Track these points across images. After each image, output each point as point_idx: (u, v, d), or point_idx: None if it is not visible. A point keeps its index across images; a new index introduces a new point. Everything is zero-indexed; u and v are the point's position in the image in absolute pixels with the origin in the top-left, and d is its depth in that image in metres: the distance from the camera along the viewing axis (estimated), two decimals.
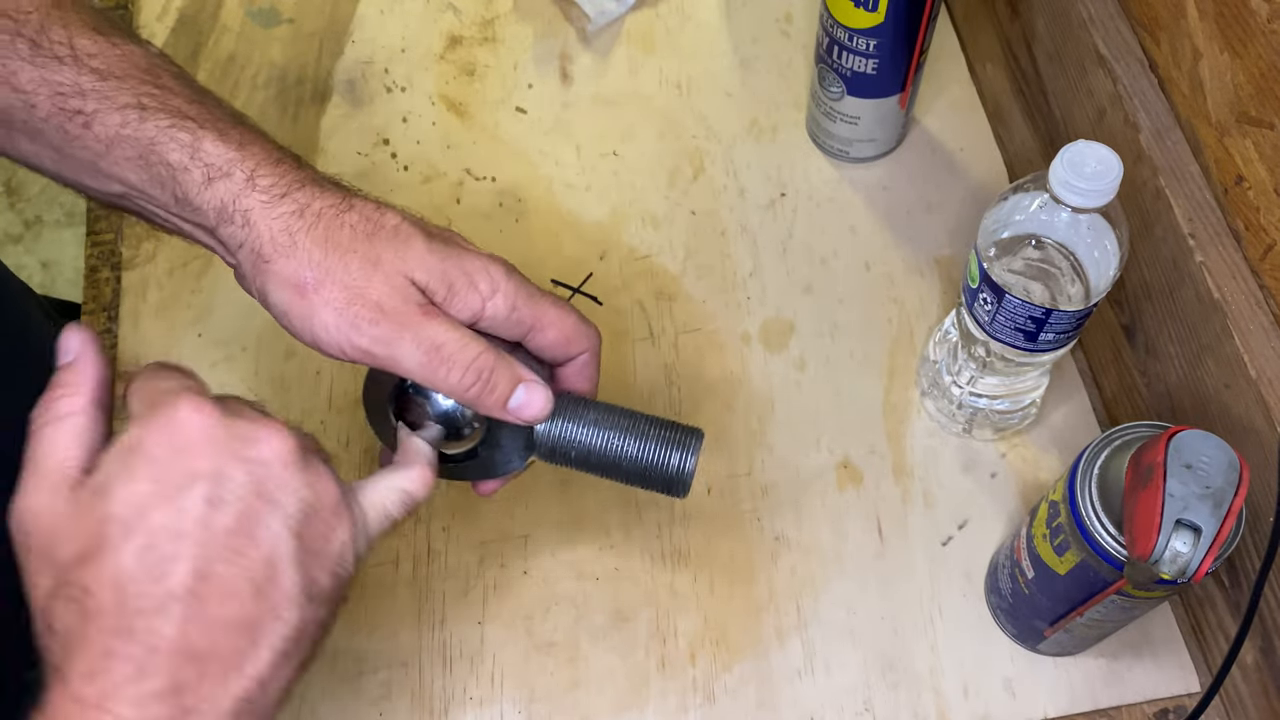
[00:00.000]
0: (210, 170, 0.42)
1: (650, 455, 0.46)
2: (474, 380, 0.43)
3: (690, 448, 0.47)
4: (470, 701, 0.59)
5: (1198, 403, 0.56)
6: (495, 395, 0.44)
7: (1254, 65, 0.52)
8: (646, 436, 0.47)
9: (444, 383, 0.43)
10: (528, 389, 0.45)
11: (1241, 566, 0.54)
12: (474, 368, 0.43)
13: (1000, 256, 0.53)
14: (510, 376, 0.44)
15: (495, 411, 0.45)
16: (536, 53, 0.79)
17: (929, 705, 0.58)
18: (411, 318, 0.42)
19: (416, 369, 0.42)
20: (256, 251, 0.42)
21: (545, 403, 0.45)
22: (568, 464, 0.48)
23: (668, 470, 0.47)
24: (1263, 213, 0.53)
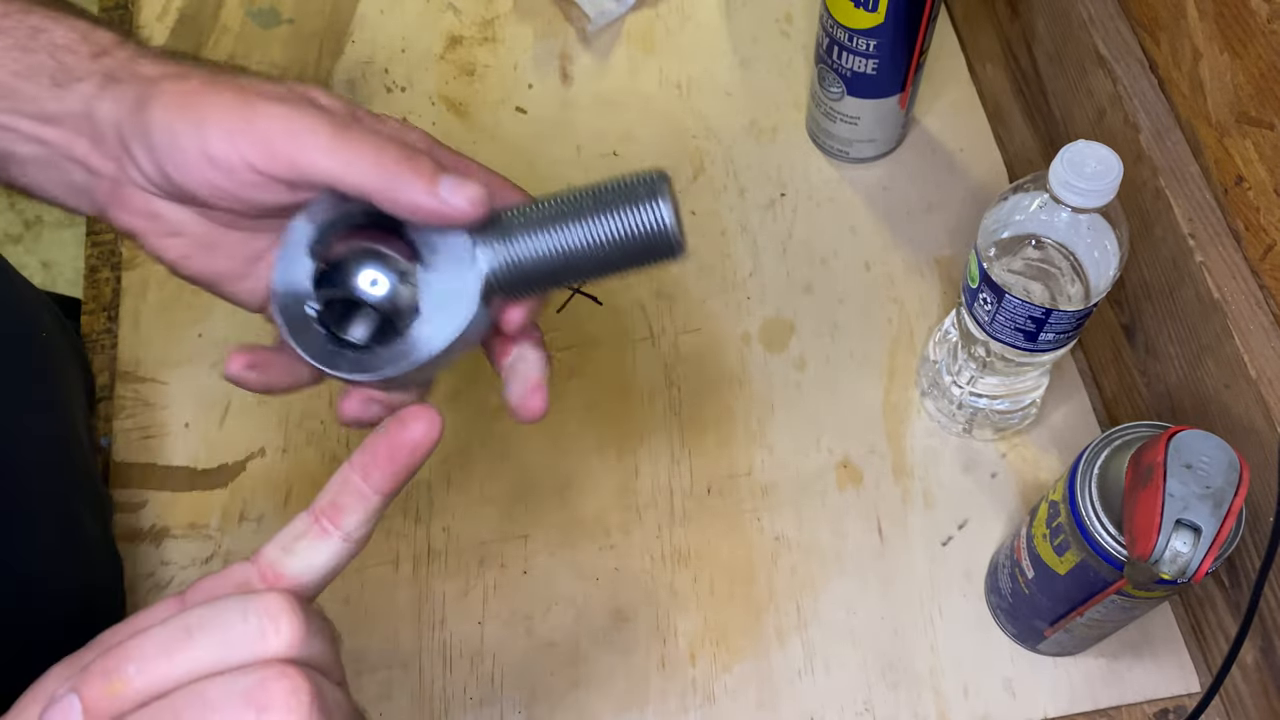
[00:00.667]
0: (99, 48, 0.39)
1: (620, 223, 0.38)
2: (392, 150, 0.36)
3: (658, 191, 0.38)
4: (470, 701, 0.59)
5: (1198, 403, 0.56)
6: (419, 174, 0.36)
7: (1254, 65, 0.52)
8: (603, 205, 0.38)
9: (355, 154, 0.36)
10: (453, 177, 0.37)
11: (1241, 566, 0.54)
12: (393, 140, 0.37)
13: (1000, 256, 0.53)
14: (432, 163, 0.37)
15: (420, 199, 0.36)
16: (536, 53, 0.79)
17: (929, 705, 0.58)
18: (318, 108, 0.37)
19: (324, 144, 0.36)
20: (141, 91, 0.37)
21: (477, 189, 0.37)
22: (532, 286, 0.40)
23: (645, 228, 0.38)
24: (1263, 213, 0.53)
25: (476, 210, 0.37)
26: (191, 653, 0.29)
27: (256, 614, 0.30)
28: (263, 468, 0.64)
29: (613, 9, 0.79)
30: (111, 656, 0.30)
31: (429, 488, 0.64)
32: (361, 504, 0.34)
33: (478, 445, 0.65)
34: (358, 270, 0.38)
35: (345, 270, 0.39)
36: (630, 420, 0.66)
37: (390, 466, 0.34)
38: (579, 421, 0.66)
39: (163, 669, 0.29)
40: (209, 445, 0.65)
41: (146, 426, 0.66)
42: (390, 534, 0.62)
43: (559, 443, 0.65)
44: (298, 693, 0.29)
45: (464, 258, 0.38)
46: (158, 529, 0.63)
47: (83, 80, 0.38)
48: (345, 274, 0.39)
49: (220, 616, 0.30)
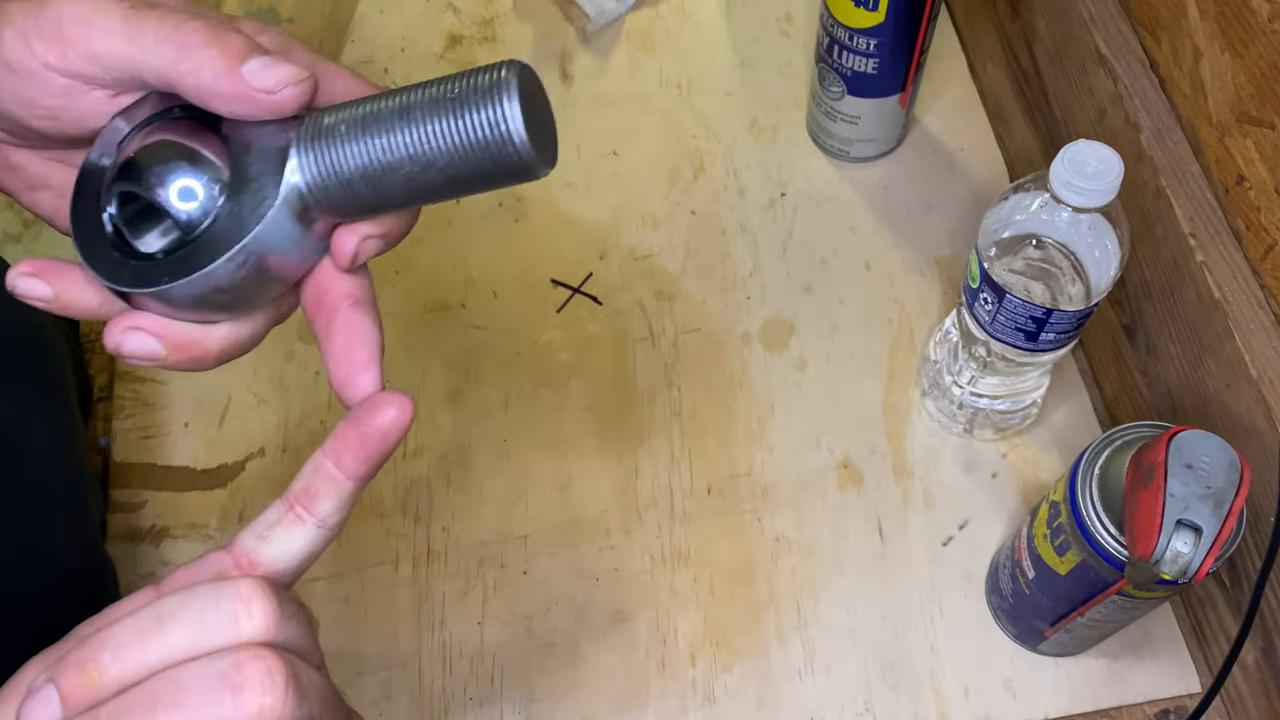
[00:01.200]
0: None
1: (456, 126, 0.30)
2: (195, 27, 0.31)
3: (502, 87, 0.30)
4: (470, 702, 0.58)
5: (1198, 403, 0.56)
6: (224, 53, 0.31)
7: (1255, 65, 0.52)
8: (440, 104, 0.31)
9: (154, 35, 0.32)
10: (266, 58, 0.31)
11: (1242, 566, 0.54)
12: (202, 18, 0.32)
13: (1001, 256, 0.53)
14: (245, 40, 0.32)
15: (221, 82, 0.31)
16: (536, 53, 0.79)
17: (929, 705, 0.58)
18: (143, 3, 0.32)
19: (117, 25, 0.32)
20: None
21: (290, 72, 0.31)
22: (358, 201, 0.32)
23: (486, 135, 0.30)
24: (1263, 212, 0.53)
25: (286, 99, 0.31)
26: (166, 639, 0.29)
27: (230, 599, 0.30)
28: (262, 468, 0.64)
29: (613, 9, 0.79)
30: (87, 646, 0.29)
31: (429, 487, 0.64)
32: (334, 490, 0.33)
33: (478, 445, 0.65)
34: (164, 174, 0.32)
35: (147, 170, 0.32)
36: (630, 420, 0.66)
37: (362, 452, 0.33)
38: (579, 421, 0.66)
39: (137, 656, 0.29)
40: (209, 445, 0.65)
41: (146, 426, 0.66)
42: (390, 534, 0.62)
43: (559, 443, 0.65)
44: (273, 674, 0.29)
45: (272, 158, 0.32)
46: (157, 529, 0.63)
47: None
48: (147, 174, 0.32)
49: (194, 603, 0.30)
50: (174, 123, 0.33)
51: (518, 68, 0.30)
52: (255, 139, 0.32)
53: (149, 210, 0.33)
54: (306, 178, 0.32)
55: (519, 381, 0.67)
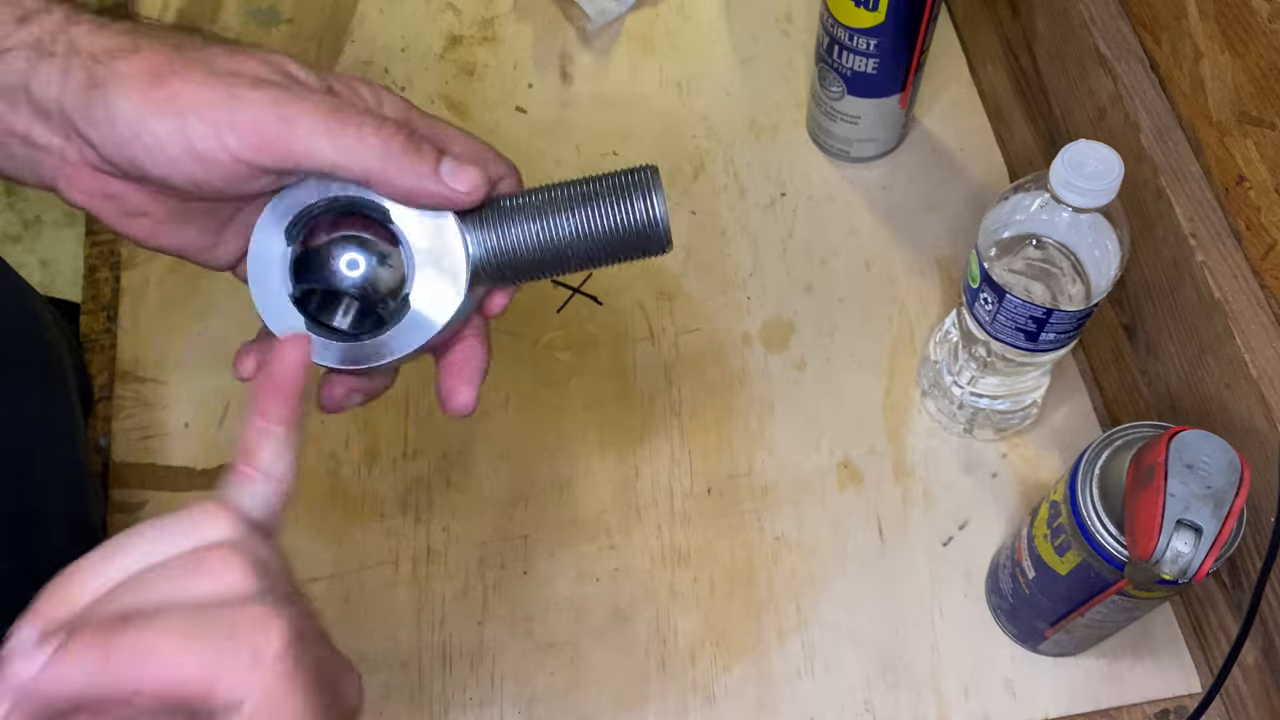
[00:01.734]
0: (23, 10, 0.36)
1: (611, 214, 0.39)
2: (394, 133, 0.35)
3: (649, 185, 0.39)
4: (470, 702, 0.58)
5: (1198, 403, 0.56)
6: (423, 158, 0.35)
7: (1255, 65, 0.52)
8: (597, 197, 0.39)
9: (356, 140, 0.35)
10: (453, 160, 0.36)
11: (1242, 566, 0.54)
12: (389, 122, 0.35)
13: (1001, 256, 0.53)
14: (433, 147, 0.36)
15: (425, 184, 0.36)
16: (536, 52, 0.79)
17: (929, 705, 0.58)
18: (299, 86, 0.35)
19: (321, 130, 0.34)
20: (88, 69, 0.34)
21: (478, 173, 0.36)
22: (520, 274, 0.40)
23: (637, 221, 0.39)
24: (1264, 212, 0.53)
25: (476, 195, 0.37)
26: (135, 553, 0.31)
27: (189, 516, 0.31)
28: None
29: (613, 8, 0.79)
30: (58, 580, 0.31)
31: (429, 487, 0.64)
32: (268, 439, 0.34)
33: (478, 445, 0.65)
34: (337, 255, 0.39)
35: (324, 256, 0.39)
36: (630, 420, 0.66)
37: (279, 395, 0.34)
38: (579, 421, 0.66)
39: (107, 572, 0.30)
40: (209, 445, 0.65)
41: (146, 426, 0.66)
42: (390, 534, 0.62)
43: (559, 443, 0.65)
44: (230, 556, 0.30)
45: (454, 244, 0.38)
46: None
47: (11, 51, 0.35)
48: (324, 260, 0.39)
49: (160, 523, 0.31)
50: (342, 217, 0.39)
51: (656, 169, 0.40)
52: (430, 225, 0.38)
53: (333, 292, 0.39)
54: (481, 257, 0.39)
55: (519, 381, 0.67)
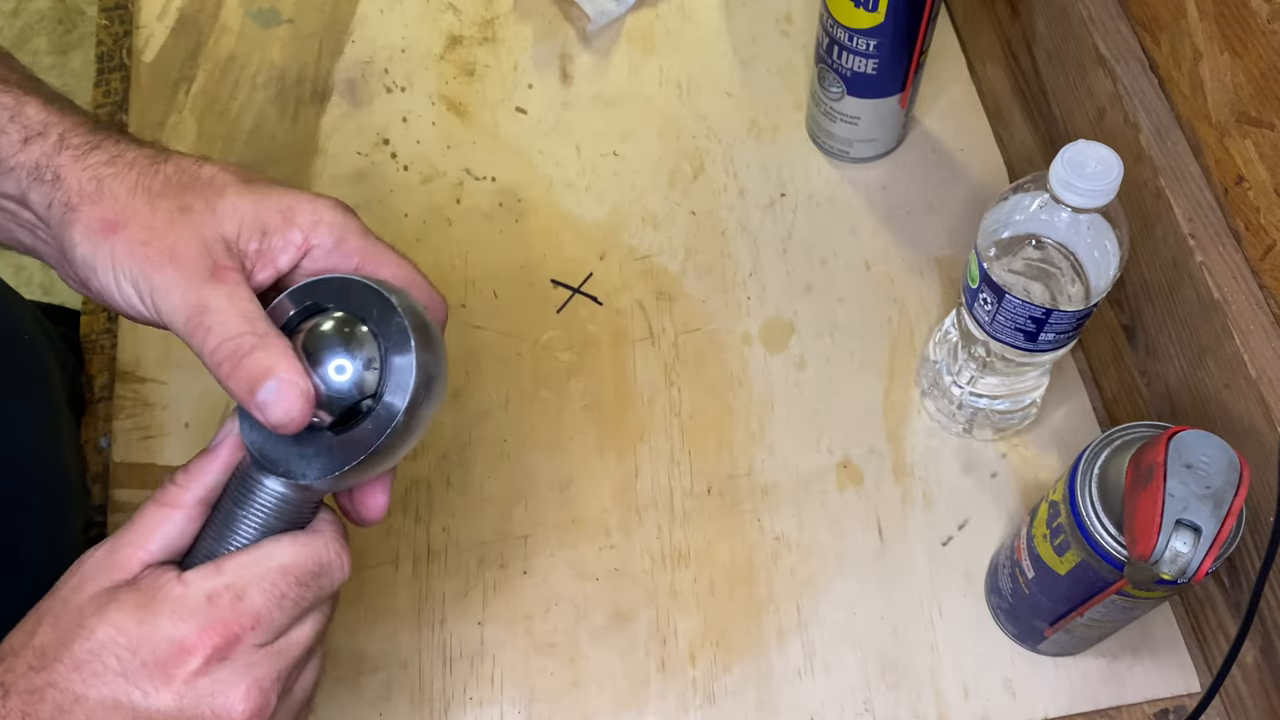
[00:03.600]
0: (28, 131, 0.41)
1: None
2: (225, 356, 0.39)
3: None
4: (470, 701, 0.59)
5: (1198, 403, 0.56)
6: (240, 377, 0.39)
7: (1254, 65, 0.52)
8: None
9: (199, 348, 0.39)
10: (280, 385, 0.38)
11: (1241, 566, 0.54)
12: (230, 343, 0.39)
13: (1000, 256, 0.53)
14: (265, 365, 0.38)
15: (240, 398, 0.39)
16: (536, 53, 0.79)
17: (929, 705, 0.58)
18: (199, 273, 0.39)
19: (180, 325, 0.40)
20: (65, 205, 0.40)
21: (298, 404, 0.38)
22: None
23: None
24: (1263, 213, 0.53)
25: (286, 422, 0.38)
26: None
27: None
28: None
29: (613, 9, 0.79)
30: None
31: (429, 487, 0.64)
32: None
33: (478, 445, 0.65)
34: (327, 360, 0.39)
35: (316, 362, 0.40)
36: (630, 420, 0.66)
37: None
38: (579, 421, 0.66)
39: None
40: None
41: (146, 426, 0.66)
42: (390, 534, 0.62)
43: (559, 443, 0.65)
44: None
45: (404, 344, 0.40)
46: None
47: (14, 170, 0.41)
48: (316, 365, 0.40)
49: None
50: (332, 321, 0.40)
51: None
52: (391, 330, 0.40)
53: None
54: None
55: (519, 381, 0.67)
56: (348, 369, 0.39)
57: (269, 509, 0.40)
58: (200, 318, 0.39)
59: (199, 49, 0.78)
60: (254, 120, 0.76)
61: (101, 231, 0.40)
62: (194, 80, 0.77)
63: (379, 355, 0.39)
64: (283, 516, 0.40)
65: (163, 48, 0.78)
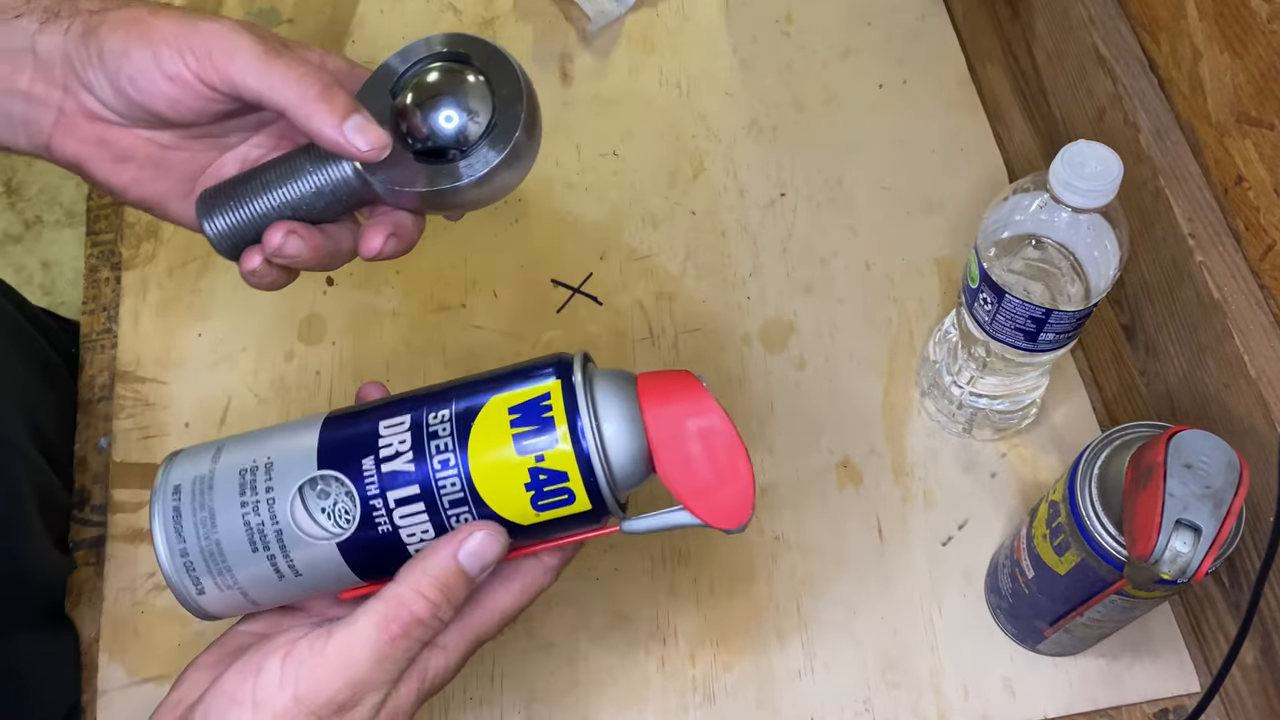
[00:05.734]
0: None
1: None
2: (314, 81, 0.40)
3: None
4: (470, 702, 0.59)
5: (1198, 403, 0.56)
6: (332, 109, 0.40)
7: (1254, 65, 0.52)
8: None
9: (280, 78, 0.40)
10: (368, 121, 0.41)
11: (1241, 566, 0.54)
12: (317, 70, 0.41)
13: (1000, 256, 0.53)
14: (349, 100, 0.41)
15: (328, 132, 0.41)
16: (536, 53, 0.79)
17: (929, 705, 0.58)
18: (264, 38, 0.41)
19: (254, 64, 0.40)
20: (84, 23, 0.41)
21: (381, 136, 0.41)
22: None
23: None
24: (1263, 213, 0.53)
25: (375, 153, 0.41)
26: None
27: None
28: None
29: (613, 9, 0.79)
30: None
31: None
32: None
33: None
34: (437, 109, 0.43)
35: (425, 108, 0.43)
36: None
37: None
38: None
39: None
40: None
41: (146, 426, 0.66)
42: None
43: None
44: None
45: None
46: None
47: (21, 16, 0.41)
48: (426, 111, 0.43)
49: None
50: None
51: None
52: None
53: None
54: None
55: None
56: (454, 119, 0.43)
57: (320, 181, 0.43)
58: (277, 57, 0.40)
59: None
60: None
61: (138, 21, 0.40)
62: None
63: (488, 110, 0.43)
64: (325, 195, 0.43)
65: None
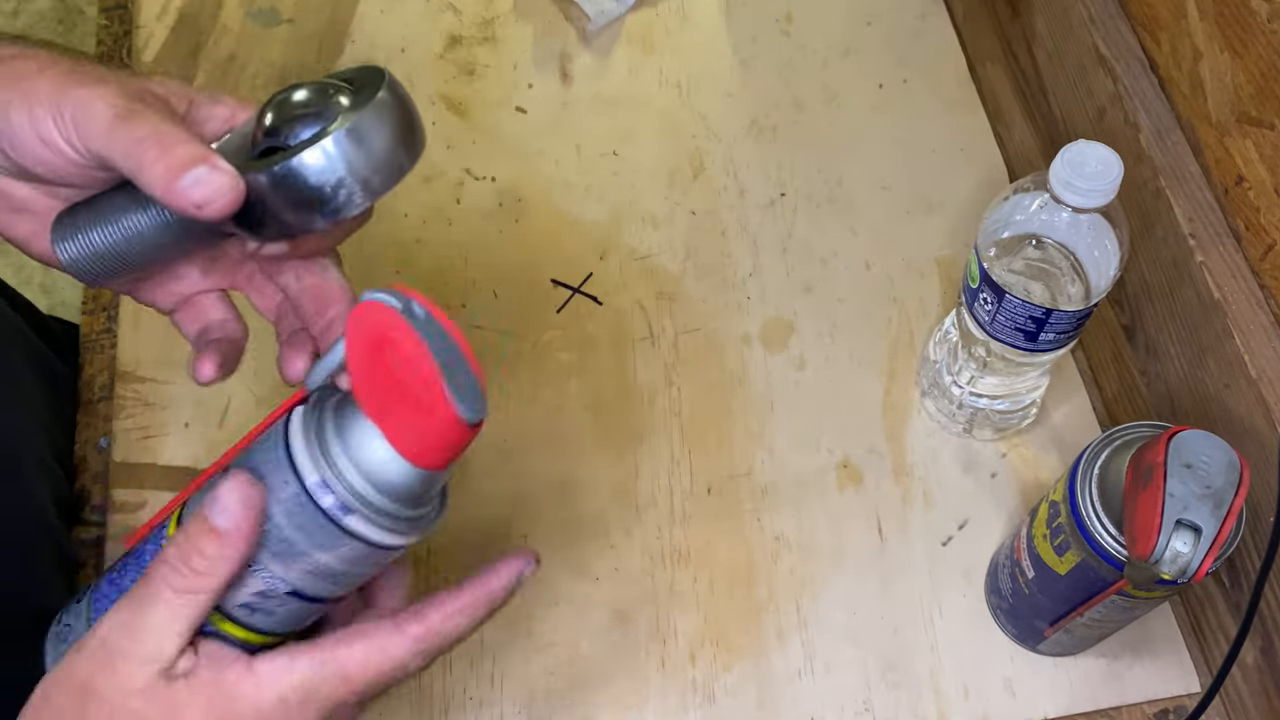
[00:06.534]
0: None
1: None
2: (153, 143, 0.37)
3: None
4: (470, 702, 0.59)
5: (1198, 403, 0.56)
6: (166, 161, 0.37)
7: (1254, 65, 0.52)
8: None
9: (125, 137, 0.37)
10: (211, 171, 0.37)
11: (1241, 566, 0.54)
12: (158, 129, 0.37)
13: (1000, 256, 0.53)
14: (194, 152, 0.37)
15: (157, 186, 0.37)
16: (536, 53, 0.79)
17: (929, 705, 0.58)
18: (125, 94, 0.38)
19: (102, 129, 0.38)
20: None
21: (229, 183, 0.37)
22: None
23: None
24: (1263, 213, 0.53)
25: (215, 211, 0.37)
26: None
27: None
28: None
29: (613, 9, 0.79)
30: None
31: None
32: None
33: (478, 445, 0.65)
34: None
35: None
36: (630, 420, 0.66)
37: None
38: (579, 421, 0.66)
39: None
40: (209, 445, 0.65)
41: (146, 426, 0.66)
42: None
43: (559, 443, 0.65)
44: None
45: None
46: None
47: None
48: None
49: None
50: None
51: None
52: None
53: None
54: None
55: (519, 381, 0.67)
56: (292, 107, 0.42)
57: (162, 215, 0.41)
58: (128, 118, 0.37)
59: (199, 49, 0.78)
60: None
61: (17, 77, 0.38)
62: (194, 80, 0.77)
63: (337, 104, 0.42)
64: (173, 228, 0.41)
65: (163, 48, 0.78)
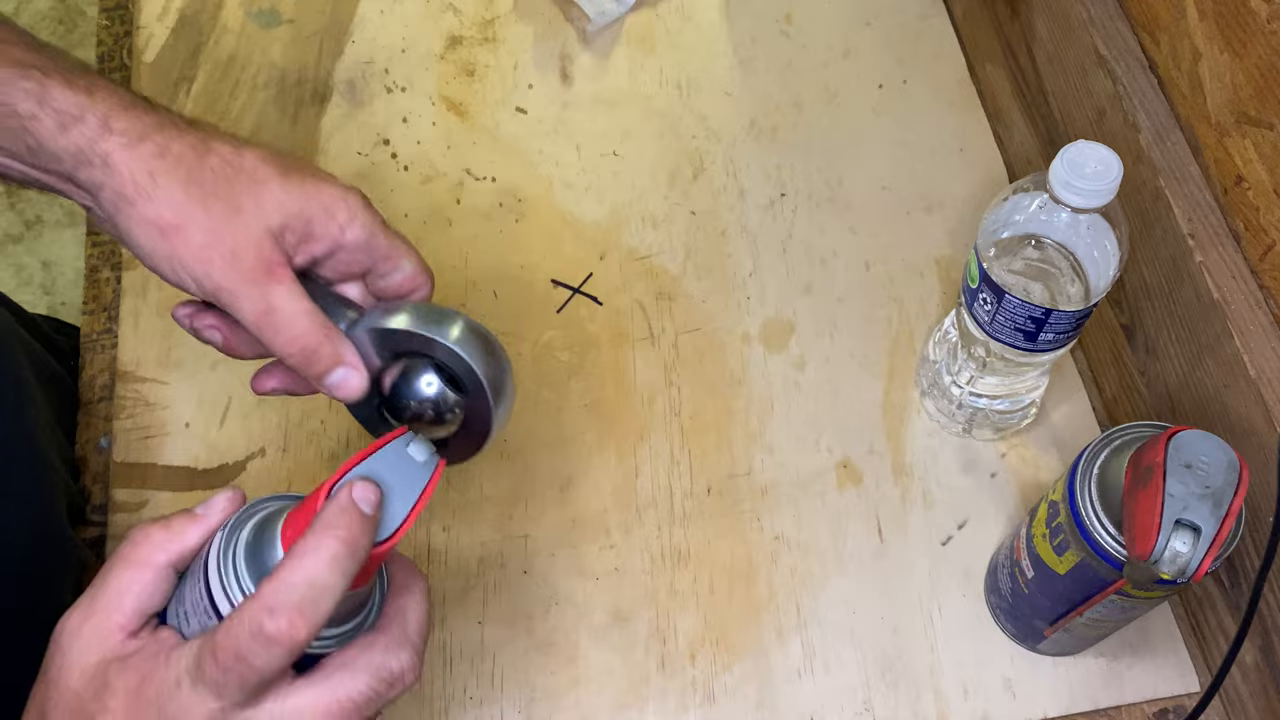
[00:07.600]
0: (62, 117, 0.43)
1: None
2: (296, 350, 0.45)
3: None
4: (470, 701, 0.59)
5: (1197, 403, 0.56)
6: (315, 369, 0.45)
7: (1254, 65, 0.52)
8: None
9: (271, 343, 0.45)
10: (345, 372, 0.46)
11: (1241, 566, 0.54)
12: (299, 340, 0.45)
13: (1000, 256, 0.53)
14: (332, 355, 0.45)
15: (315, 383, 0.46)
16: (536, 53, 0.79)
17: (929, 705, 0.58)
18: (259, 274, 0.44)
19: (251, 323, 0.44)
20: (119, 193, 0.43)
21: (360, 383, 0.46)
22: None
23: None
24: (1262, 213, 0.53)
25: (352, 397, 0.46)
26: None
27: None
28: (263, 468, 0.64)
29: (613, 9, 0.79)
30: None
31: None
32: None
33: None
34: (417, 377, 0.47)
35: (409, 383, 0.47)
36: (630, 420, 0.66)
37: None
38: (579, 421, 0.66)
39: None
40: (209, 445, 0.65)
41: (146, 426, 0.66)
42: None
43: (559, 443, 0.65)
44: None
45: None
46: None
47: (58, 154, 0.43)
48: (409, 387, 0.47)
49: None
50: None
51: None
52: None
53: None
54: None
55: (519, 381, 0.67)
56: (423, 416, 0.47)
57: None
58: (268, 318, 0.44)
59: (199, 49, 0.78)
60: (254, 121, 0.76)
61: (161, 234, 0.44)
62: (194, 80, 0.77)
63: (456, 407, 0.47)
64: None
65: (163, 48, 0.78)
